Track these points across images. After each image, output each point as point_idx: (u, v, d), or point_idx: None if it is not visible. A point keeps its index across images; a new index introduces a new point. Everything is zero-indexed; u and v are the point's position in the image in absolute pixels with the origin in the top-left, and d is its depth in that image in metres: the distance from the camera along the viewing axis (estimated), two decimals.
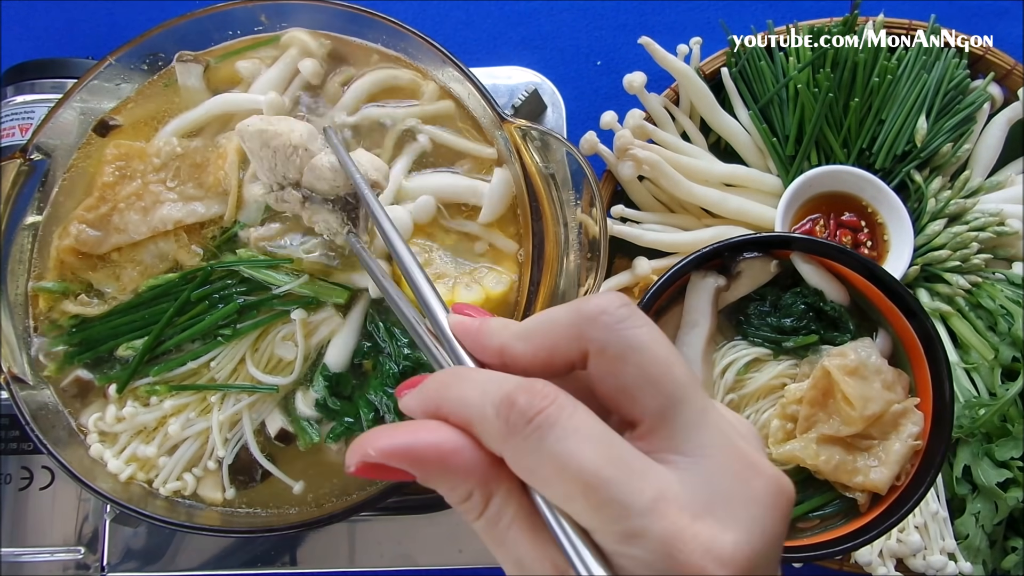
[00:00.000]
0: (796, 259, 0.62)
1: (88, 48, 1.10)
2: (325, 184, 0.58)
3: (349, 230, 0.60)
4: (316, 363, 0.70)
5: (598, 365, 0.33)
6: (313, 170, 0.58)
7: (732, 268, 0.62)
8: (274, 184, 0.60)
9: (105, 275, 0.72)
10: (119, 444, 0.70)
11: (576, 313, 0.33)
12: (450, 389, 0.34)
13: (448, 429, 0.33)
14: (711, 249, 0.61)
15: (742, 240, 0.63)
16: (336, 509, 0.67)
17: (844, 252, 0.60)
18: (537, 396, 0.31)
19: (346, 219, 0.59)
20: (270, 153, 0.59)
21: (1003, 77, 0.92)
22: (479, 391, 0.32)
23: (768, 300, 0.64)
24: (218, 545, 0.88)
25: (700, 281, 0.62)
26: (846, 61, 0.89)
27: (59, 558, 0.86)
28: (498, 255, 0.72)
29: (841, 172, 0.87)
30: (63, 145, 0.74)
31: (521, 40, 1.10)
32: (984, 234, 0.86)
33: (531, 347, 0.35)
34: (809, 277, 0.62)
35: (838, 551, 0.57)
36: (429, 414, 0.34)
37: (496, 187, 0.72)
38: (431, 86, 0.76)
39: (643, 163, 0.85)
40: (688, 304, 0.62)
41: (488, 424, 0.31)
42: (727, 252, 0.62)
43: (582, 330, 0.33)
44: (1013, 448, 0.78)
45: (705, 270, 0.62)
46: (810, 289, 0.62)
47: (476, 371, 0.35)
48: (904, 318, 0.59)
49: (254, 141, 0.60)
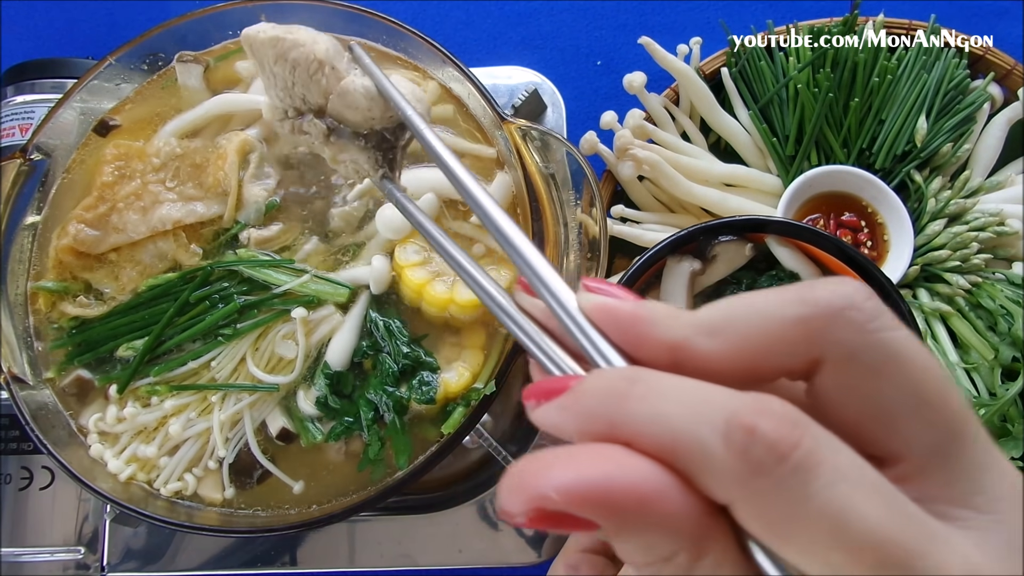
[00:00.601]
0: (771, 242, 0.62)
1: (88, 48, 1.10)
2: (358, 114, 0.45)
3: (384, 173, 0.47)
4: (317, 361, 0.70)
5: (839, 379, 0.25)
6: (344, 96, 0.46)
7: (707, 252, 0.62)
8: (290, 109, 0.47)
9: (104, 275, 0.72)
10: (119, 444, 0.70)
11: (803, 303, 0.25)
12: (631, 402, 0.24)
13: (642, 461, 0.23)
14: (686, 233, 0.61)
15: (717, 224, 0.62)
16: (336, 509, 0.66)
17: (817, 234, 0.60)
18: (785, 423, 0.22)
19: (381, 160, 0.47)
20: (287, 68, 0.46)
21: (1003, 77, 0.92)
22: (686, 409, 0.23)
23: (744, 284, 0.64)
24: (218, 545, 0.88)
25: (676, 265, 0.62)
26: (846, 61, 0.89)
27: (59, 558, 0.86)
28: (497, 256, 0.72)
29: (841, 172, 0.87)
30: (63, 145, 0.74)
31: (521, 40, 1.10)
32: (984, 234, 0.86)
33: (726, 346, 0.25)
34: (785, 260, 0.62)
35: None
36: (597, 436, 0.24)
37: (496, 190, 0.72)
38: (432, 86, 0.76)
39: (643, 163, 0.85)
40: (664, 288, 0.62)
41: (710, 458, 0.22)
42: (702, 236, 0.62)
43: (815, 329, 0.24)
44: (1013, 448, 0.78)
45: (680, 254, 0.62)
46: (786, 272, 0.62)
47: (669, 378, 0.25)
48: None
49: (265, 51, 0.48)
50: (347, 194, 0.73)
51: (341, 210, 0.73)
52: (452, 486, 0.91)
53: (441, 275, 0.70)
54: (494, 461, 0.87)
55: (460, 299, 0.67)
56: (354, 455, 0.69)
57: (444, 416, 0.68)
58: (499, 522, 0.88)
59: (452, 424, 0.67)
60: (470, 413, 0.66)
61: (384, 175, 0.47)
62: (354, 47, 0.49)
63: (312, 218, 0.73)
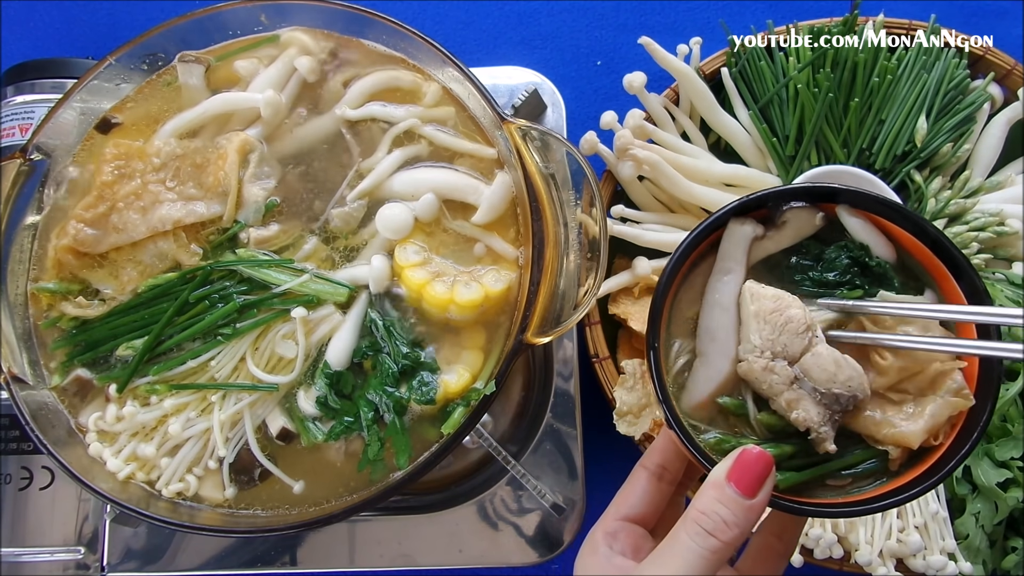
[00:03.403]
0: (842, 212, 0.62)
1: (88, 48, 1.10)
2: (823, 374, 0.56)
3: (826, 433, 0.58)
4: (317, 361, 0.70)
5: None
6: (817, 357, 0.57)
7: (777, 217, 0.62)
8: (767, 351, 0.58)
9: (104, 275, 0.72)
10: (118, 443, 0.70)
11: None
12: None
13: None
14: (756, 196, 0.60)
15: (789, 189, 0.62)
16: (336, 509, 0.67)
17: (893, 207, 0.59)
18: None
19: (827, 417, 0.57)
20: (779, 321, 0.59)
21: (1003, 77, 0.92)
22: None
23: (811, 253, 0.63)
24: (218, 545, 0.88)
25: (738, 228, 0.62)
26: (846, 61, 0.89)
27: (59, 558, 0.86)
28: (497, 256, 0.72)
29: (841, 172, 0.87)
30: (63, 145, 0.74)
31: (521, 40, 1.11)
32: (984, 234, 0.86)
33: None
34: (856, 231, 0.61)
35: (871, 509, 0.57)
36: None
37: (496, 190, 0.72)
38: (433, 87, 0.76)
39: (643, 163, 0.85)
40: (722, 250, 0.62)
41: None
42: (771, 200, 0.61)
43: None
44: (1013, 448, 0.78)
45: (743, 219, 0.62)
46: (855, 243, 0.61)
47: None
48: (952, 279, 0.58)
49: (765, 303, 0.59)
50: (347, 194, 0.73)
51: (341, 210, 0.73)
52: (452, 486, 0.91)
53: (441, 275, 0.70)
54: (494, 461, 0.87)
55: (460, 299, 0.67)
56: (354, 455, 0.69)
57: (444, 416, 0.68)
58: (499, 522, 0.88)
59: (452, 424, 0.67)
60: (470, 413, 0.66)
61: (825, 435, 0.57)
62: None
63: (312, 218, 0.73)
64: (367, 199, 0.73)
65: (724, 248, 0.62)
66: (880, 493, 0.57)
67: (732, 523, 0.49)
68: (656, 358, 0.56)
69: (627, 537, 0.57)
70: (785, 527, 0.59)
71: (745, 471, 0.50)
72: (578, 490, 0.89)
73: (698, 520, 0.49)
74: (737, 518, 0.49)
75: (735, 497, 0.49)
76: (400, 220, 0.71)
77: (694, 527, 0.49)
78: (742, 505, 0.49)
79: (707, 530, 0.49)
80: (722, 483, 0.50)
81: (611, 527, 0.58)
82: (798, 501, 0.55)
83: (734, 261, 0.62)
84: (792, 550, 0.60)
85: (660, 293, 0.58)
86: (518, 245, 0.72)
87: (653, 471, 0.60)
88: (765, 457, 0.50)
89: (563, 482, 0.89)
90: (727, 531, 0.49)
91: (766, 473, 0.50)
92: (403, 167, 0.74)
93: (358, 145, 0.75)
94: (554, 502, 0.87)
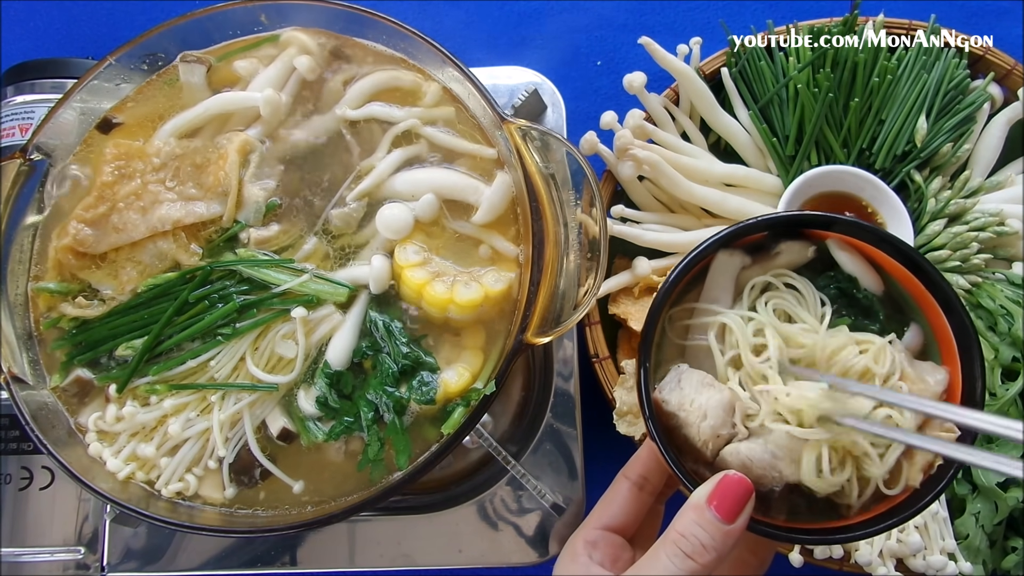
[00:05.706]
0: (832, 246, 0.62)
1: (88, 48, 1.10)
2: (742, 469, 0.56)
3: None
4: (317, 361, 0.70)
5: None
6: (732, 455, 0.58)
7: (772, 247, 0.62)
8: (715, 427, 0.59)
9: (104, 275, 0.72)
10: (118, 443, 0.70)
11: None
12: None
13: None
14: (744, 226, 0.60)
15: (780, 217, 0.62)
16: (336, 509, 0.67)
17: (886, 239, 0.60)
18: None
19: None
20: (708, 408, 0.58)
21: (1003, 77, 0.92)
22: None
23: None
24: (218, 545, 0.88)
25: (727, 259, 0.62)
26: (846, 61, 0.89)
27: (59, 558, 0.86)
28: (497, 256, 0.72)
29: (841, 172, 0.87)
30: (63, 145, 0.74)
31: (521, 40, 1.10)
32: (984, 234, 0.86)
33: None
34: (845, 264, 0.62)
35: (850, 538, 0.57)
36: None
37: (496, 190, 0.72)
38: (433, 87, 0.76)
39: (643, 163, 0.85)
40: (711, 280, 0.62)
41: None
42: (768, 231, 0.62)
43: None
44: (1013, 448, 0.78)
45: (732, 249, 0.62)
46: (844, 275, 0.62)
47: None
48: (943, 315, 0.58)
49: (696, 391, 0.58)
50: (347, 194, 0.73)
51: (341, 210, 0.73)
52: (452, 486, 0.91)
53: (441, 275, 0.70)
54: (494, 461, 0.87)
55: (460, 299, 0.67)
56: (354, 455, 0.69)
57: (444, 416, 0.68)
58: (499, 522, 0.88)
59: (452, 424, 0.67)
60: (470, 413, 0.66)
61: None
62: None
63: (312, 218, 0.73)
64: (367, 199, 0.73)
65: (713, 278, 0.63)
66: (871, 517, 0.57)
67: (710, 547, 0.50)
68: (646, 377, 0.57)
69: (607, 547, 0.59)
70: (760, 543, 0.60)
71: (726, 495, 0.51)
72: (578, 490, 0.89)
73: (677, 542, 0.50)
74: (715, 542, 0.50)
75: (714, 521, 0.50)
76: (400, 220, 0.71)
77: (673, 548, 0.50)
78: (721, 529, 0.50)
79: (685, 552, 0.50)
80: (702, 506, 0.51)
81: (592, 536, 0.59)
82: (776, 526, 0.55)
83: (722, 291, 0.63)
84: (766, 566, 0.61)
85: (651, 318, 0.59)
86: (518, 245, 0.72)
87: (635, 481, 0.61)
88: (745, 483, 0.51)
89: (563, 482, 0.89)
90: (704, 554, 0.50)
91: (746, 498, 0.51)
92: (403, 167, 0.74)
93: (358, 145, 0.75)
94: (554, 502, 0.87)
